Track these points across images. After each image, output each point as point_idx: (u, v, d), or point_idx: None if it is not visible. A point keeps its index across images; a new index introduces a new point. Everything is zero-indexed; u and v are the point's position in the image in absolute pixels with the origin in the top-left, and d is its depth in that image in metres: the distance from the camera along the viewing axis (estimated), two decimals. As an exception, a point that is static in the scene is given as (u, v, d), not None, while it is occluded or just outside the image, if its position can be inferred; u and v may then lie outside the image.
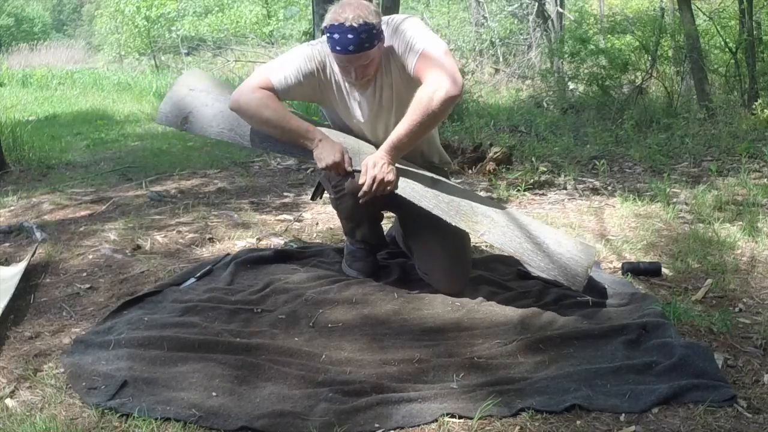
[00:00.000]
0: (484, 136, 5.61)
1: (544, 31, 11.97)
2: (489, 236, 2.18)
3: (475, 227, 2.18)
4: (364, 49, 2.09)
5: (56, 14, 32.15)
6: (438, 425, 1.66)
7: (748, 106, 6.88)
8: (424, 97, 2.06)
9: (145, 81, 12.32)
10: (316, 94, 2.31)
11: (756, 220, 3.22)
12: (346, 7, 2.09)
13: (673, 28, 8.25)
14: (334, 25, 2.08)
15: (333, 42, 2.10)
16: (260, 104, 2.19)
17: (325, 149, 2.18)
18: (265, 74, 2.24)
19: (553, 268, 2.16)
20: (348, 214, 2.46)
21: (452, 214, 2.17)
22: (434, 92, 2.04)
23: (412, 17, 2.23)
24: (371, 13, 2.09)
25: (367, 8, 2.10)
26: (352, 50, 2.08)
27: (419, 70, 2.10)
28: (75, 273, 2.71)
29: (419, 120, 2.09)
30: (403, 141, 2.13)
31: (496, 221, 2.20)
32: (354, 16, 2.05)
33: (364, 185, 2.15)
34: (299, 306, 2.28)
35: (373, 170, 2.14)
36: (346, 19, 2.05)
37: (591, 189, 4.13)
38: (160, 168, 4.96)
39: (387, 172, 2.14)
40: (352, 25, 2.04)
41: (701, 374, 1.80)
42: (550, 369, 1.90)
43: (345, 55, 2.10)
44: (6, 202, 3.94)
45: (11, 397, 1.79)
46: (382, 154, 2.16)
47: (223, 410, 1.69)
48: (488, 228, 2.18)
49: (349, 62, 2.12)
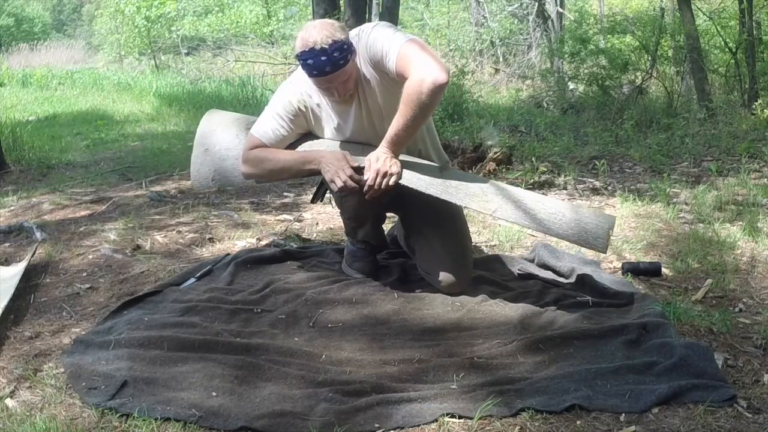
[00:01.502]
0: (484, 136, 5.61)
1: (544, 31, 11.96)
2: (501, 212, 2.17)
3: (486, 206, 2.17)
4: (339, 67, 2.11)
5: (56, 14, 32.16)
6: (438, 425, 1.65)
7: (748, 106, 6.87)
8: (412, 89, 2.03)
9: (145, 81, 12.32)
10: (311, 130, 2.37)
11: (756, 220, 3.22)
12: (311, 30, 2.10)
13: (673, 28, 8.25)
14: (305, 52, 2.10)
15: (308, 68, 2.12)
16: (258, 162, 2.31)
17: (330, 168, 2.17)
18: (255, 137, 2.33)
19: (573, 234, 2.14)
20: (352, 213, 2.46)
21: (461, 197, 2.18)
22: (422, 82, 2.01)
23: (380, 23, 2.24)
24: (337, 29, 2.12)
25: (332, 26, 2.13)
26: (329, 71, 2.10)
27: (401, 68, 2.07)
28: (75, 273, 2.71)
29: (412, 113, 2.07)
30: (400, 135, 2.13)
31: (508, 198, 2.20)
32: (322, 37, 2.07)
33: (368, 180, 2.15)
34: (299, 306, 2.28)
35: (376, 164, 2.14)
36: (315, 42, 2.07)
37: (591, 189, 4.13)
38: (160, 168, 4.96)
39: (390, 164, 2.14)
40: (322, 47, 2.07)
41: (701, 374, 1.80)
42: (550, 369, 1.90)
43: (323, 77, 2.12)
44: (6, 202, 3.94)
45: (11, 397, 1.79)
46: (383, 149, 2.16)
47: (223, 410, 1.69)
48: (499, 205, 2.17)
49: (329, 82, 2.14)
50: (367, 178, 2.15)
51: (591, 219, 2.18)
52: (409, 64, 2.05)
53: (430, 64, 2.02)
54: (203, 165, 2.54)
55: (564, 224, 2.15)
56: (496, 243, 3.09)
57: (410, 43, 2.08)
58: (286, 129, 2.32)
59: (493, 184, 2.30)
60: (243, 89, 10.01)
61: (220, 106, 8.35)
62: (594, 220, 2.18)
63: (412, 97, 2.04)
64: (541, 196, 2.33)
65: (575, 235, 2.14)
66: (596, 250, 2.19)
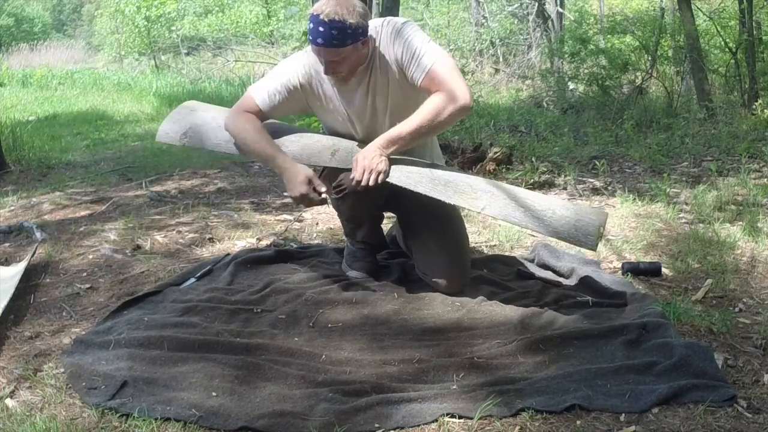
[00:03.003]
0: (484, 136, 5.61)
1: (544, 31, 11.97)
2: (490, 209, 2.15)
3: (474, 203, 2.15)
4: (332, 45, 2.08)
5: (56, 14, 32.14)
6: (438, 425, 1.65)
7: (748, 106, 6.88)
8: (438, 103, 2.08)
9: (145, 81, 12.31)
10: (305, 107, 2.34)
11: (756, 220, 3.22)
12: (330, 1, 2.08)
13: (673, 28, 8.26)
14: (312, 15, 2.09)
15: (310, 32, 2.11)
16: (239, 128, 2.28)
17: (289, 180, 2.21)
18: (251, 95, 2.30)
19: (563, 231, 2.11)
20: (349, 214, 2.46)
21: (450, 194, 2.16)
22: (450, 102, 2.07)
23: (410, 21, 2.22)
24: (353, 12, 2.07)
25: (350, 6, 2.08)
26: (320, 43, 2.08)
27: (431, 81, 2.10)
28: (75, 273, 2.71)
29: (426, 124, 2.10)
30: (403, 137, 2.13)
31: (497, 195, 2.18)
32: (331, 11, 2.05)
33: (356, 176, 2.15)
34: (299, 306, 2.28)
35: (363, 161, 2.14)
36: (323, 11, 2.06)
37: (591, 189, 4.13)
38: (160, 168, 4.96)
39: (378, 162, 2.14)
40: (323, 19, 2.05)
41: (701, 374, 1.80)
42: (550, 369, 1.89)
43: (314, 47, 2.11)
44: (6, 202, 3.94)
45: (11, 397, 1.79)
46: (374, 147, 2.16)
47: (223, 410, 1.69)
48: (488, 202, 2.15)
49: (318, 54, 2.13)
50: (353, 175, 2.16)
51: (582, 216, 2.15)
52: (443, 80, 2.08)
53: (462, 88, 2.08)
54: (181, 121, 2.45)
55: (554, 221, 2.12)
56: (496, 243, 3.09)
57: (446, 59, 2.11)
58: (282, 98, 2.28)
59: (483, 181, 2.28)
60: (243, 89, 10.00)
61: (220, 106, 8.34)
62: (585, 217, 2.15)
63: (434, 111, 2.09)
64: (533, 193, 2.30)
65: (565, 233, 2.11)
66: (586, 248, 2.15)
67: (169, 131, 2.44)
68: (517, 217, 2.13)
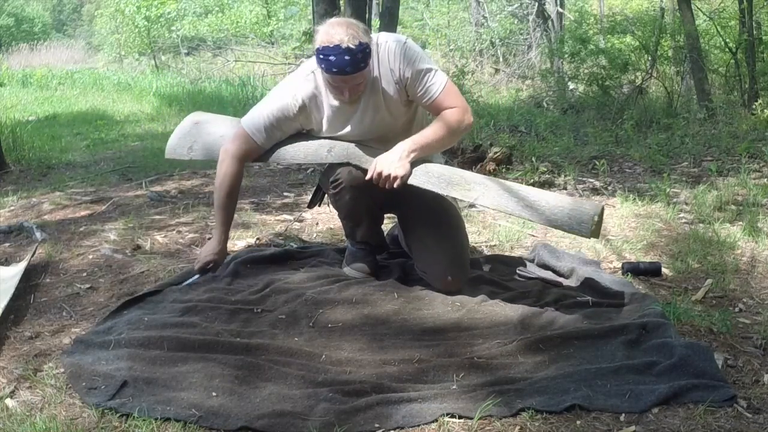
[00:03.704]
0: (484, 136, 5.61)
1: (544, 31, 11.97)
2: (483, 199, 2.18)
3: (467, 194, 2.19)
4: (360, 69, 2.11)
5: (56, 14, 32.14)
6: (438, 425, 1.65)
7: (748, 106, 6.87)
8: (455, 117, 2.24)
9: (145, 81, 12.31)
10: (301, 129, 2.38)
11: (756, 220, 3.22)
12: (338, 28, 2.09)
13: (673, 28, 8.25)
14: (328, 47, 2.07)
15: (328, 63, 2.10)
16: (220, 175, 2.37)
17: (205, 248, 2.50)
18: (245, 131, 2.35)
19: (556, 218, 2.11)
20: (347, 211, 2.46)
21: (443, 185, 2.21)
22: (463, 119, 2.25)
23: (409, 40, 2.26)
24: (362, 31, 2.11)
25: (357, 27, 2.11)
26: (349, 71, 2.09)
27: (442, 101, 2.24)
28: (75, 273, 2.71)
29: (445, 133, 2.25)
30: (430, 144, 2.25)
31: (490, 186, 2.21)
32: (348, 36, 2.06)
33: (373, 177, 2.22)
34: (299, 306, 2.28)
35: (383, 165, 2.20)
36: (341, 40, 2.06)
37: (591, 189, 4.13)
38: (160, 168, 4.96)
39: (397, 167, 2.19)
40: (348, 46, 2.05)
41: (701, 374, 1.80)
42: (550, 369, 1.90)
43: (341, 76, 2.11)
44: (6, 202, 3.94)
45: (11, 397, 1.79)
46: (398, 152, 2.21)
47: (223, 410, 1.69)
48: (481, 192, 2.18)
49: (344, 82, 2.14)
50: (368, 176, 2.22)
51: (577, 206, 2.15)
52: (456, 98, 2.27)
53: (468, 108, 2.29)
54: (187, 135, 2.55)
55: (548, 210, 2.12)
56: (496, 243, 3.09)
57: (451, 83, 2.28)
58: (278, 132, 2.34)
59: (477, 175, 2.33)
60: (243, 89, 10.01)
61: (220, 106, 8.36)
62: (580, 206, 2.15)
63: (453, 123, 2.24)
64: (527, 187, 2.32)
65: (559, 221, 2.11)
66: (582, 235, 2.13)
67: (176, 146, 2.58)
68: (510, 207, 2.15)
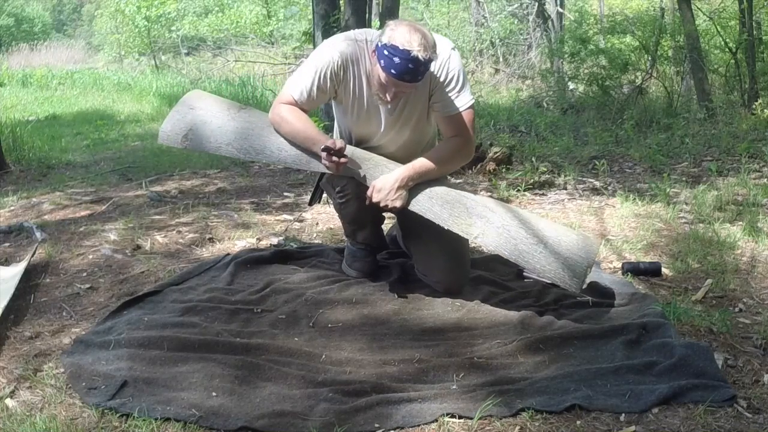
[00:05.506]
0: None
1: (544, 31, 11.96)
2: (483, 239, 2.18)
3: (469, 230, 2.17)
4: (416, 81, 2.07)
5: (56, 14, 32.13)
6: (438, 425, 1.66)
7: (748, 106, 6.87)
8: (461, 149, 2.28)
9: (145, 81, 12.31)
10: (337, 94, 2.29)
11: (756, 220, 3.22)
12: (416, 34, 2.01)
13: (673, 28, 8.25)
14: (398, 48, 2.00)
15: (390, 63, 2.02)
16: (279, 120, 2.25)
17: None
18: (288, 90, 2.26)
19: (549, 270, 2.13)
20: (351, 218, 2.46)
21: (445, 217, 2.19)
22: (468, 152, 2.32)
23: (454, 50, 2.22)
24: (432, 46, 2.04)
25: (432, 40, 2.05)
26: (407, 80, 2.05)
27: (456, 125, 2.23)
28: (75, 273, 2.71)
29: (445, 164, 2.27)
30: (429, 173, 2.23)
31: (492, 222, 2.18)
32: (422, 47, 1.99)
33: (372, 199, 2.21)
34: (299, 306, 2.28)
35: (381, 194, 2.19)
36: (418, 50, 1.99)
37: (591, 189, 4.13)
38: (160, 168, 4.96)
39: (394, 198, 2.19)
40: (418, 57, 1.99)
41: (701, 374, 1.80)
42: (550, 369, 1.90)
43: (398, 80, 2.05)
44: (6, 202, 3.94)
45: (11, 397, 1.79)
46: (396, 179, 2.19)
47: (223, 410, 1.69)
48: (482, 230, 2.16)
49: (396, 86, 2.09)
50: (369, 200, 2.22)
51: (572, 254, 2.14)
52: (468, 128, 2.25)
53: (474, 142, 2.32)
54: (181, 121, 2.37)
55: (542, 259, 2.12)
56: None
57: (473, 111, 2.26)
58: (320, 91, 2.22)
59: (480, 201, 2.28)
60: (243, 89, 10.00)
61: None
62: (575, 255, 2.14)
63: (456, 155, 2.30)
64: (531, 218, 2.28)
65: (551, 271, 2.12)
66: (569, 290, 2.16)
67: (170, 133, 2.40)
68: (507, 252, 2.15)
